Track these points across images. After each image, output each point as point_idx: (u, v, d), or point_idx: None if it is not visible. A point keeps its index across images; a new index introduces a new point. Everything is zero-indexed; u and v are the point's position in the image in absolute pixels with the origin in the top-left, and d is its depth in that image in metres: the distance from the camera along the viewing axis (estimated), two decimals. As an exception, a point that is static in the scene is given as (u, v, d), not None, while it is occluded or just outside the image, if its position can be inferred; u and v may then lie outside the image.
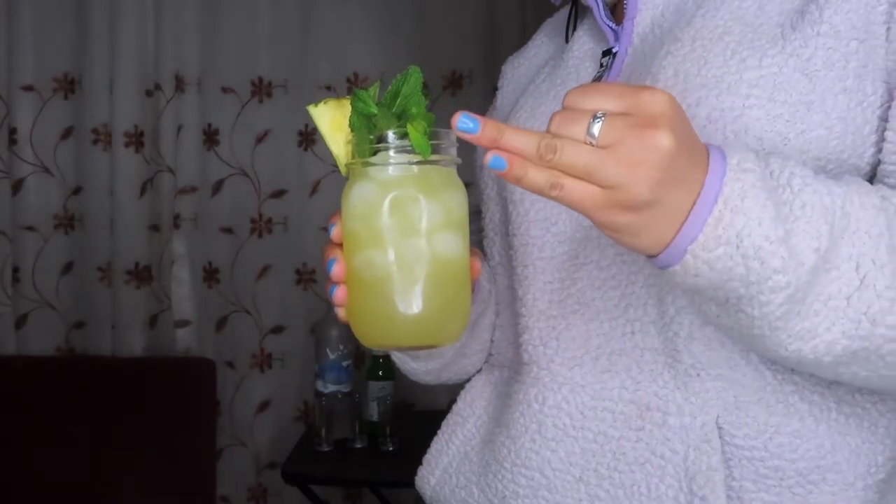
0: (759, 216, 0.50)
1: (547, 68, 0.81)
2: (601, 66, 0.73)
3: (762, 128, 0.60)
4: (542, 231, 0.73)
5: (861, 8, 0.59)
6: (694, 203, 0.51)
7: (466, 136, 0.50)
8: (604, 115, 0.49)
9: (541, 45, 0.88)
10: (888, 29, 0.59)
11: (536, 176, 0.50)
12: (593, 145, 0.49)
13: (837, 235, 0.52)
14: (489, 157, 0.49)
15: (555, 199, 0.50)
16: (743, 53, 0.61)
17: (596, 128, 0.49)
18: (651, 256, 0.54)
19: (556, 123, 0.50)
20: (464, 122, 0.50)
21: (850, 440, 0.62)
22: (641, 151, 0.49)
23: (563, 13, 0.84)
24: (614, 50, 0.72)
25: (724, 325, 0.57)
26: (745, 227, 0.50)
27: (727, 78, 0.61)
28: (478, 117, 0.50)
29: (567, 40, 0.81)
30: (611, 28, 0.72)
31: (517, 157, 0.50)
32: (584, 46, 0.77)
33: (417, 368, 0.81)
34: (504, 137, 0.50)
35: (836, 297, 0.52)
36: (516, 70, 0.89)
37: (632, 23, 0.71)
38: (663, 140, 0.49)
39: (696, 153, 0.51)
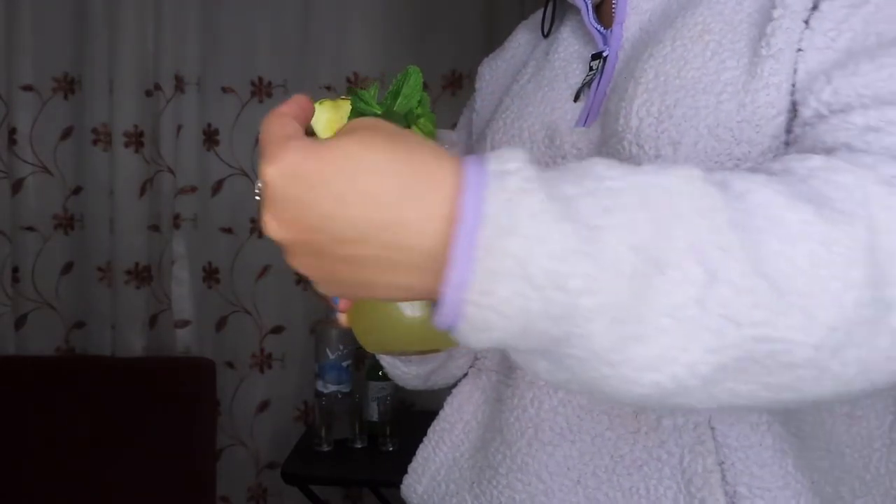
0: (537, 231, 0.38)
1: (530, 68, 0.80)
2: (591, 69, 0.72)
3: (734, 118, 0.59)
4: None
5: (794, 29, 0.57)
6: (450, 240, 0.39)
7: None
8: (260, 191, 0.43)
9: (518, 46, 0.87)
10: (798, 51, 0.57)
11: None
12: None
13: (664, 223, 0.40)
14: None
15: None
16: (723, 55, 0.61)
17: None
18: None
19: None
20: None
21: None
22: (292, 246, 0.43)
23: (539, 15, 0.83)
24: (605, 54, 0.71)
25: (560, 380, 0.44)
26: (522, 250, 0.38)
27: (705, 79, 0.61)
28: None
29: (543, 34, 0.80)
30: (598, 31, 0.71)
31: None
32: (571, 48, 0.76)
33: (408, 372, 0.80)
34: None
35: (683, 304, 0.40)
36: (495, 71, 0.88)
37: (621, 27, 0.70)
38: (278, 233, 0.43)
39: (413, 188, 0.40)
